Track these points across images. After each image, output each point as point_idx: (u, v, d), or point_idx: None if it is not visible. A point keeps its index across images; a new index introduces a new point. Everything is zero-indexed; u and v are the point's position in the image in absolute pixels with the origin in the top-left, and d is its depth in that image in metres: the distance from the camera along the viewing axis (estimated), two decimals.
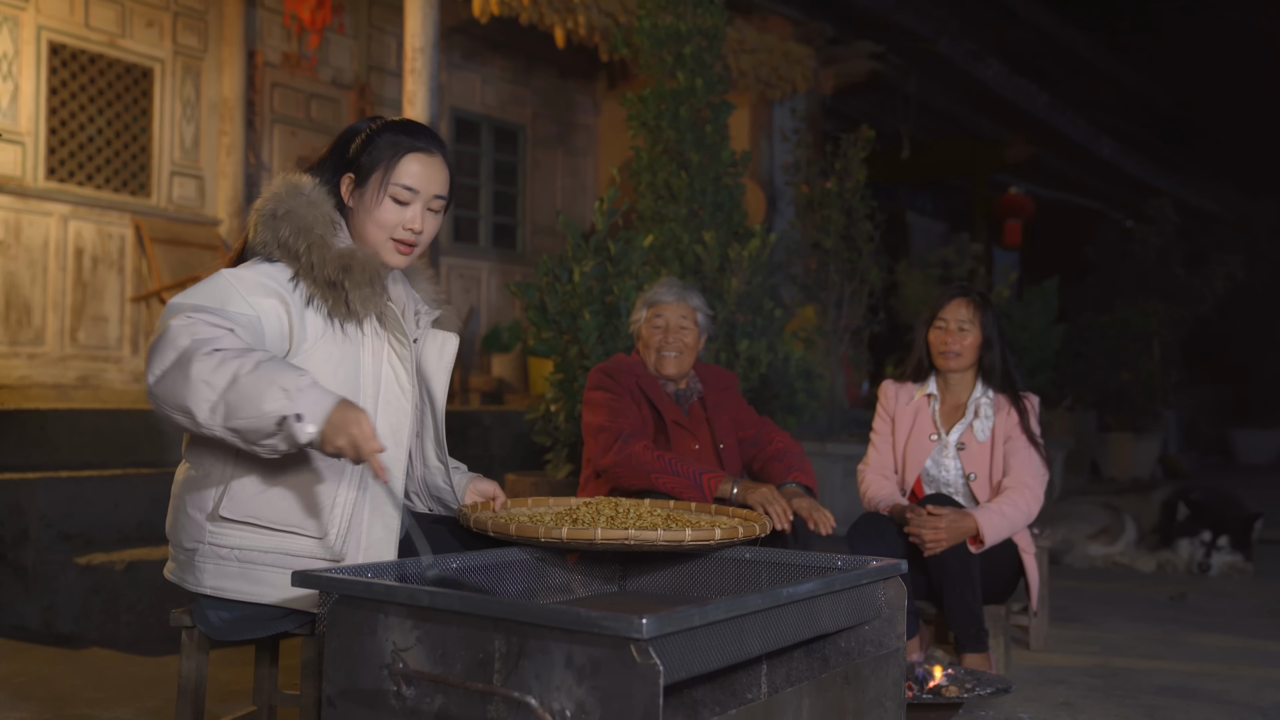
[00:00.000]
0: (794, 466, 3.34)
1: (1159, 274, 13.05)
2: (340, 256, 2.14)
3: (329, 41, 8.09)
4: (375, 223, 2.21)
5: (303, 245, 2.12)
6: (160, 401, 1.99)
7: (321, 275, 2.12)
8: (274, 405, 1.88)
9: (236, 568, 2.13)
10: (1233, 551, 6.15)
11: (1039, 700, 3.38)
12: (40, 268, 6.55)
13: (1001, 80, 11.14)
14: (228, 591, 2.14)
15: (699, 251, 5.39)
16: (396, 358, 2.23)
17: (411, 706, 1.72)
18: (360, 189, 2.23)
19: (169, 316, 2.01)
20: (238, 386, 1.89)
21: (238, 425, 1.91)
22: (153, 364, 1.97)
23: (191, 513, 2.17)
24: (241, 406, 1.89)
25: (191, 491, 2.18)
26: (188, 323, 1.96)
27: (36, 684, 3.40)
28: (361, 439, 1.90)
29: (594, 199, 9.49)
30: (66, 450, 4.67)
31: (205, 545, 2.14)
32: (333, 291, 2.13)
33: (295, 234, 2.13)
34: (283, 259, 2.14)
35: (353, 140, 2.26)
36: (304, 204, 2.16)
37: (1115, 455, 11.27)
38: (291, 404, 1.88)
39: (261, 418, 1.88)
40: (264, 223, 2.16)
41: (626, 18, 6.94)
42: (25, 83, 6.52)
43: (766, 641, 1.79)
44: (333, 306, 2.14)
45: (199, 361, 1.91)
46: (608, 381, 3.38)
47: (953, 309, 3.67)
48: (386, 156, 2.22)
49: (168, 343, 1.95)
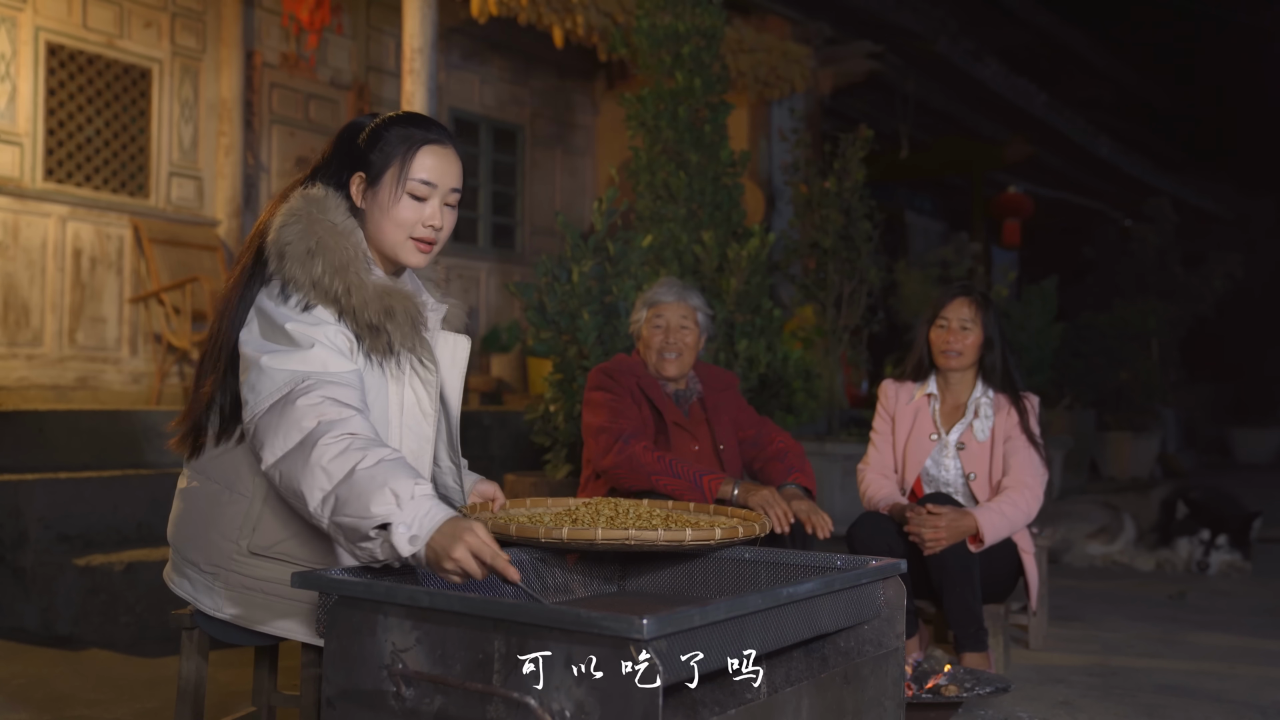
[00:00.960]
0: (794, 467, 3.35)
1: (1157, 273, 13.07)
2: (381, 297, 2.06)
3: (327, 42, 8.09)
4: (394, 222, 2.12)
5: (340, 287, 2.02)
6: (278, 480, 1.90)
7: (364, 319, 2.04)
8: (380, 509, 1.76)
9: (261, 599, 2.08)
10: (1231, 550, 6.15)
11: (1038, 699, 3.38)
12: (38, 269, 6.55)
13: (1000, 80, 11.15)
14: (247, 621, 2.09)
15: (698, 251, 5.39)
16: (420, 383, 2.18)
17: (411, 707, 1.71)
18: (374, 188, 2.13)
19: (284, 385, 1.91)
20: (352, 481, 1.79)
21: (342, 522, 1.81)
22: (272, 441, 1.88)
23: (214, 537, 2.09)
24: (350, 502, 1.79)
25: (216, 513, 2.10)
26: (311, 400, 1.87)
27: (35, 685, 3.39)
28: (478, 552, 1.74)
29: (593, 199, 9.50)
30: (65, 451, 4.66)
31: (230, 573, 2.09)
32: (377, 335, 2.06)
33: (331, 274, 2.02)
34: (320, 301, 2.03)
35: (357, 136, 2.16)
36: (333, 235, 2.06)
37: (1114, 454, 11.28)
38: (400, 511, 1.76)
39: (365, 520, 1.77)
40: (295, 260, 2.03)
41: (625, 18, 6.94)
42: (23, 83, 6.52)
43: (766, 641, 1.79)
44: (371, 345, 2.07)
45: (321, 448, 1.82)
46: (608, 382, 3.38)
47: (955, 308, 3.67)
48: (400, 151, 2.11)
49: (290, 420, 1.86)
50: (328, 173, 2.17)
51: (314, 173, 2.20)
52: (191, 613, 2.31)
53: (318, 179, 2.17)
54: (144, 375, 6.96)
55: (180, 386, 6.80)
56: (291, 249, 2.03)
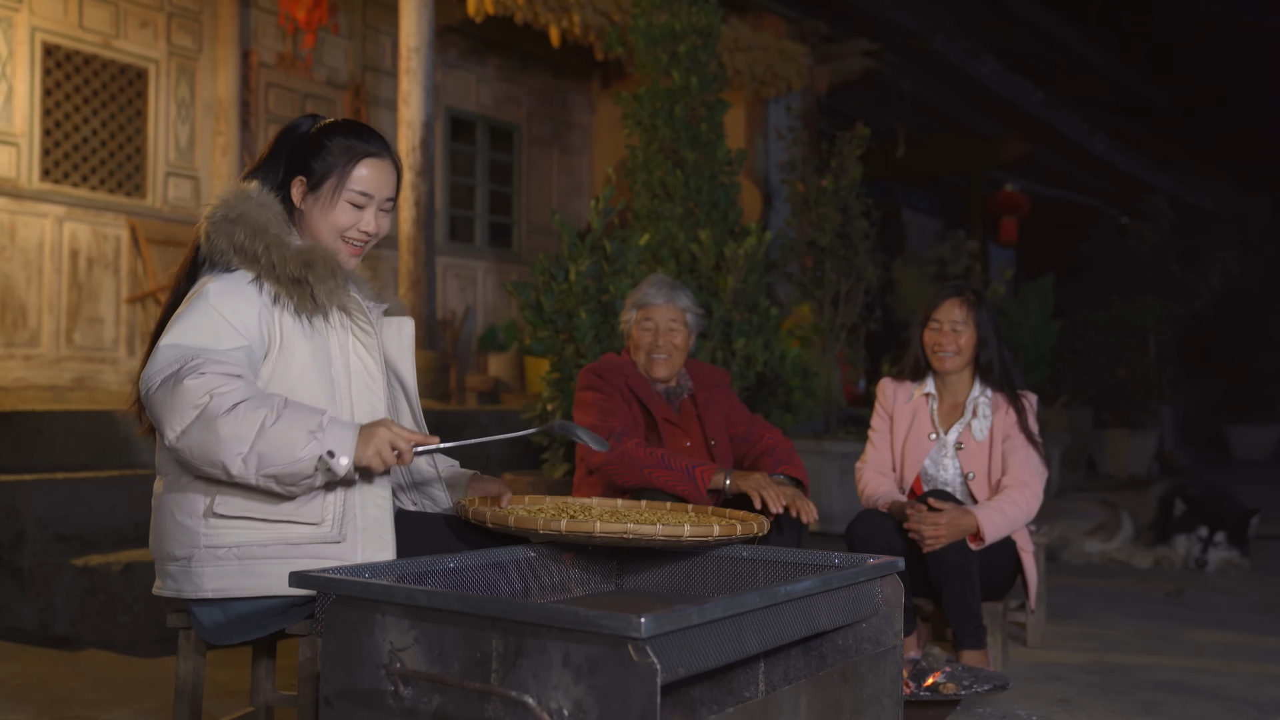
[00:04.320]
0: (783, 460, 3.36)
1: (1154, 270, 13.07)
2: (300, 253, 2.19)
3: (324, 41, 8.09)
4: (329, 224, 2.27)
5: (260, 246, 2.15)
6: (186, 456, 2.04)
7: (284, 273, 2.16)
8: (308, 450, 1.98)
9: (237, 565, 2.14)
10: (1229, 547, 6.16)
11: (1036, 697, 3.38)
12: (35, 269, 6.54)
13: (996, 77, 11.16)
14: (230, 591, 2.14)
15: (695, 250, 5.39)
16: (363, 347, 2.27)
17: (409, 706, 1.71)
18: (314, 193, 2.28)
19: (173, 363, 2.04)
20: (265, 437, 1.97)
21: (274, 472, 2.00)
22: (170, 419, 2.01)
23: (181, 519, 2.17)
24: (274, 454, 1.98)
25: (178, 498, 2.18)
26: (200, 379, 2.00)
27: (33, 686, 3.39)
28: (393, 441, 2.03)
29: (589, 198, 9.49)
30: (62, 452, 4.66)
31: (201, 549, 2.15)
32: (297, 288, 2.17)
33: (251, 236, 2.16)
34: (240, 264, 2.16)
35: (296, 141, 2.31)
36: (254, 206, 2.20)
37: (1112, 452, 11.28)
38: (321, 443, 1.99)
39: (298, 463, 1.99)
40: (217, 228, 2.19)
41: (621, 16, 6.93)
42: (20, 84, 6.51)
43: (764, 640, 1.80)
44: (298, 302, 2.17)
45: (224, 419, 1.97)
46: (597, 381, 3.39)
47: (946, 309, 3.67)
48: (340, 163, 2.26)
49: (183, 399, 2.00)
50: (265, 172, 2.31)
51: (251, 172, 2.33)
52: (188, 615, 2.31)
53: (255, 177, 2.30)
54: None
55: None
56: (215, 225, 2.20)
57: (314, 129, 2.31)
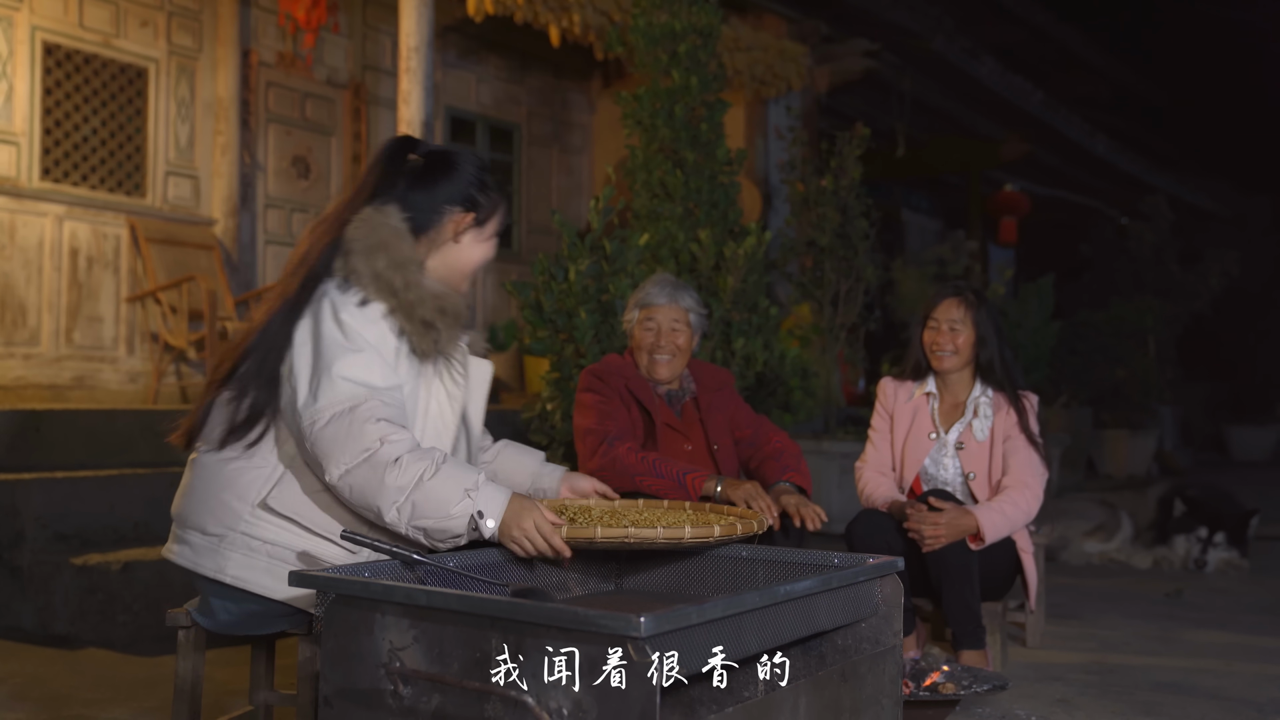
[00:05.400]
0: (789, 466, 3.32)
1: (1154, 271, 13.07)
2: (436, 298, 2.22)
3: (324, 41, 8.08)
4: (472, 262, 2.33)
5: (400, 281, 2.17)
6: (345, 494, 2.08)
7: (418, 314, 2.18)
8: (460, 508, 2.04)
9: (265, 562, 2.14)
10: (1229, 548, 6.16)
11: (1036, 697, 3.38)
12: (35, 268, 6.54)
13: (996, 78, 11.15)
14: (249, 584, 2.14)
15: (694, 250, 5.39)
16: (446, 395, 2.29)
17: (409, 706, 1.71)
18: (477, 228, 2.31)
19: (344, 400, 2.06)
20: (422, 489, 2.03)
21: (425, 526, 2.05)
22: (338, 457, 2.05)
23: (227, 498, 2.16)
24: (427, 508, 2.03)
25: (232, 477, 2.17)
26: (374, 425, 2.05)
27: (33, 685, 3.39)
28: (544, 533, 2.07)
29: (589, 197, 9.49)
30: (62, 451, 4.66)
31: (237, 534, 2.15)
32: (428, 332, 2.20)
33: (391, 268, 2.17)
34: (376, 295, 2.17)
35: (458, 173, 2.30)
36: (394, 236, 2.20)
37: (1111, 452, 11.29)
38: (474, 503, 2.05)
39: (450, 519, 2.04)
40: (360, 252, 2.17)
41: (621, 16, 6.93)
42: (20, 83, 6.51)
43: (764, 639, 1.80)
44: (420, 345, 2.20)
45: (390, 469, 2.03)
46: (597, 384, 3.36)
47: (944, 309, 3.68)
48: (498, 203, 2.34)
49: (356, 442, 2.04)
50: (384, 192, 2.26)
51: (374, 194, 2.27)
52: (197, 603, 2.30)
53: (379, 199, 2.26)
54: (141, 374, 6.95)
55: (177, 386, 6.79)
56: (357, 244, 2.19)
57: (460, 160, 2.31)
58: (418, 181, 2.28)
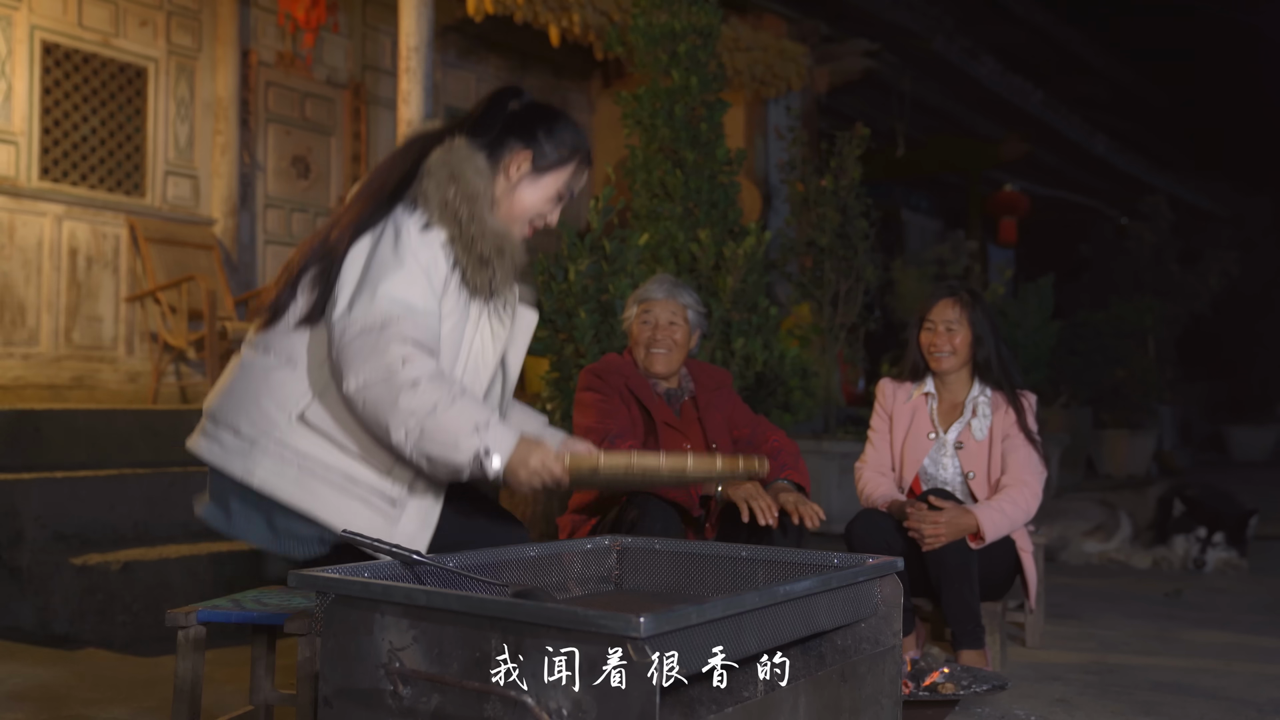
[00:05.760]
0: (787, 465, 3.34)
1: (1154, 271, 13.08)
2: (497, 236, 2.21)
3: (323, 40, 8.08)
4: (530, 206, 2.31)
5: (465, 213, 2.17)
6: (358, 407, 2.06)
7: (477, 250, 2.18)
8: (468, 442, 2.01)
9: (295, 473, 2.13)
10: (1228, 548, 6.16)
11: (1035, 697, 3.38)
12: (34, 268, 6.54)
13: (996, 78, 11.15)
14: (276, 491, 2.13)
15: (694, 250, 5.39)
16: (490, 334, 2.29)
17: (408, 706, 1.71)
18: (535, 172, 2.30)
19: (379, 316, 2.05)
20: (435, 418, 2.00)
21: (430, 453, 2.02)
22: (358, 369, 2.04)
23: (267, 404, 2.15)
24: (436, 436, 2.01)
25: (275, 385, 2.16)
26: (401, 346, 2.03)
27: (32, 685, 3.39)
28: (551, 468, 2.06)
29: (589, 197, 9.48)
30: (61, 451, 4.66)
31: (271, 440, 2.14)
32: (483, 268, 2.19)
33: (461, 200, 2.17)
34: (440, 221, 2.16)
35: (525, 112, 2.31)
36: (472, 171, 2.20)
37: (1110, 452, 11.29)
38: (482, 439, 2.02)
39: (457, 451, 2.01)
40: (435, 175, 2.18)
41: (621, 16, 6.93)
42: (19, 82, 6.51)
43: (764, 639, 1.79)
44: (475, 281, 2.20)
45: (406, 391, 2.01)
46: (597, 382, 3.38)
47: (939, 310, 3.69)
48: (568, 155, 2.32)
49: (379, 359, 2.02)
50: (481, 132, 2.28)
51: (461, 127, 2.29)
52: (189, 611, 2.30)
53: (468, 133, 2.27)
54: (140, 374, 6.95)
55: (177, 385, 6.79)
56: (435, 169, 2.19)
57: (545, 105, 2.34)
58: (508, 125, 2.30)
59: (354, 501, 2.13)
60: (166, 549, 4.24)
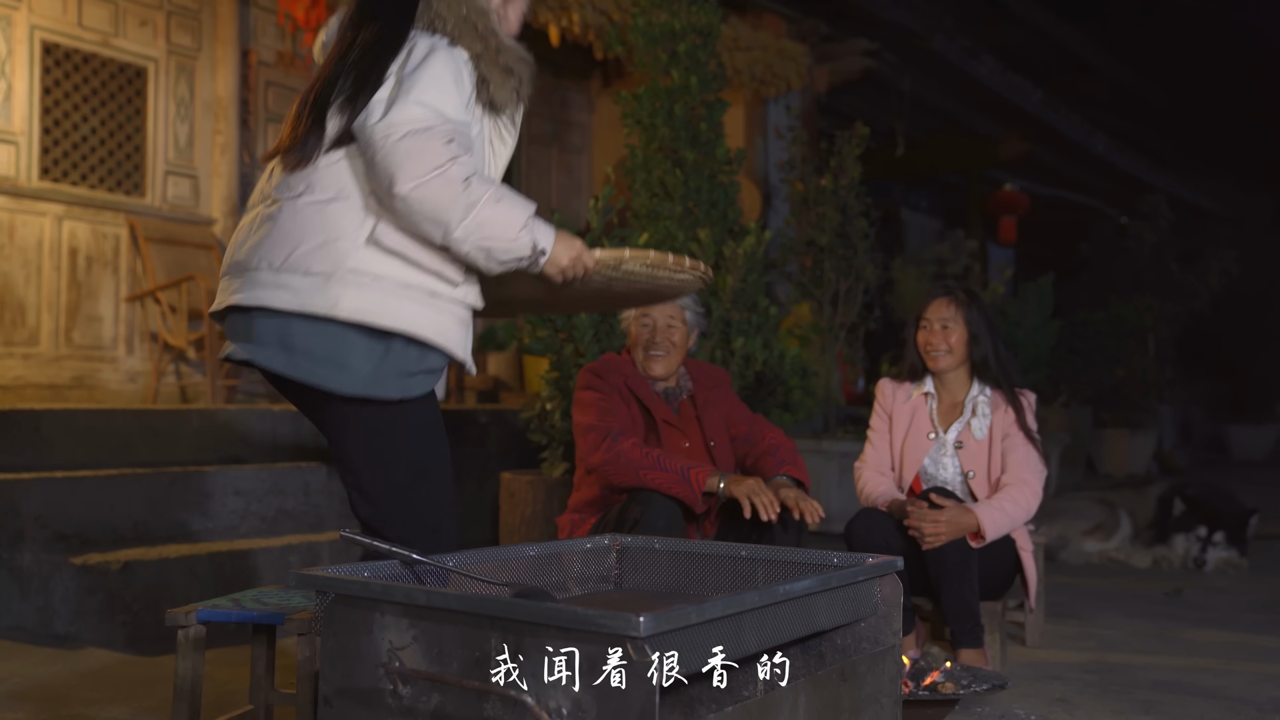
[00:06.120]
0: (785, 461, 3.36)
1: (1154, 270, 13.07)
2: (515, 48, 2.30)
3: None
4: (514, 19, 2.39)
5: (483, 27, 2.24)
6: (414, 206, 2.08)
7: (500, 61, 2.25)
8: (525, 232, 2.12)
9: (377, 295, 2.12)
10: (1228, 547, 6.16)
11: (1035, 696, 3.38)
12: (34, 268, 6.54)
13: (996, 77, 11.15)
14: (366, 315, 2.11)
15: (694, 249, 5.39)
16: (492, 153, 2.34)
17: (408, 705, 1.71)
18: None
19: (423, 119, 2.09)
20: (491, 209, 2.08)
21: (489, 245, 2.10)
22: (411, 168, 2.06)
23: (329, 240, 2.14)
24: (494, 228, 2.09)
25: (331, 219, 2.15)
26: (448, 145, 2.08)
27: (32, 684, 3.39)
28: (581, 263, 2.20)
29: (589, 197, 9.48)
30: (61, 450, 4.66)
31: (345, 270, 2.12)
32: (508, 78, 2.27)
33: (476, 14, 2.25)
34: (462, 39, 2.22)
35: None
36: None
37: (1110, 451, 11.29)
38: (533, 231, 2.14)
39: (516, 241, 2.11)
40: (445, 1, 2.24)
41: (621, 15, 6.93)
42: (18, 82, 6.51)
43: (763, 639, 1.80)
44: (499, 93, 2.26)
45: (460, 185, 2.07)
46: (596, 381, 3.39)
47: (935, 309, 3.70)
48: None
49: (431, 157, 2.06)
50: None
51: None
52: (189, 611, 2.30)
53: None
54: (140, 374, 6.95)
55: (177, 385, 6.79)
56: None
57: None
58: None
59: (441, 315, 2.18)
60: (166, 549, 4.23)
